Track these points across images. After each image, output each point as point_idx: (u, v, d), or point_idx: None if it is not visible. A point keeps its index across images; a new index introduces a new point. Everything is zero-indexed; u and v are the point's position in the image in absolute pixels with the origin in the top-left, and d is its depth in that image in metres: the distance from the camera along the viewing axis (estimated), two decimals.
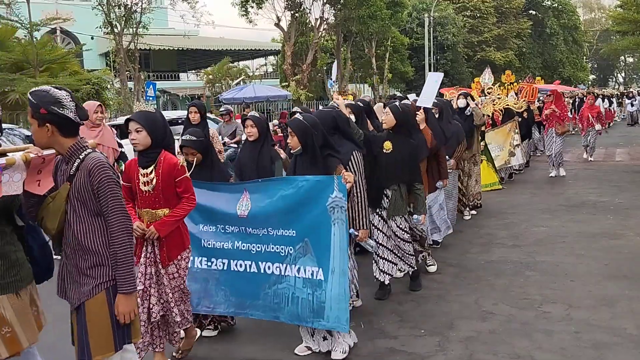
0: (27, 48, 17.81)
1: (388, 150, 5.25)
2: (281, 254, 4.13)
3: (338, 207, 3.86)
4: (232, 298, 4.36)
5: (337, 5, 30.32)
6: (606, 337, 4.42)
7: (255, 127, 5.00)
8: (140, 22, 24.03)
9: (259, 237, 4.23)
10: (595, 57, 70.47)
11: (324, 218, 3.90)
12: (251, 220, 4.23)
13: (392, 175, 5.23)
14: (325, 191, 3.91)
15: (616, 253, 6.65)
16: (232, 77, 34.02)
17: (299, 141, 4.15)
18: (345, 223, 3.87)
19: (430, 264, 6.31)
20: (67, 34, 31.76)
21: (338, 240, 3.88)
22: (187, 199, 3.90)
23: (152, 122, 3.81)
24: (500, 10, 46.96)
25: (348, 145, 4.55)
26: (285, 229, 4.09)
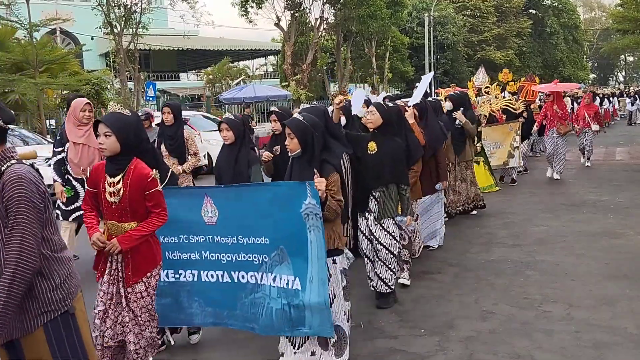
0: (27, 48, 17.83)
1: (373, 151, 5.02)
2: (255, 262, 3.93)
3: (312, 214, 3.65)
4: (208, 308, 4.16)
5: (337, 4, 30.33)
6: (606, 337, 4.41)
7: (231, 131, 4.86)
8: (140, 22, 24.05)
9: (228, 246, 4.00)
10: (595, 56, 70.51)
11: (298, 225, 3.69)
12: (220, 228, 4.00)
13: (379, 177, 5.01)
14: (297, 198, 3.68)
15: (616, 252, 6.64)
16: (232, 77, 34.05)
17: (299, 143, 3.87)
18: (322, 230, 3.65)
19: (405, 277, 5.80)
20: (66, 34, 31.79)
21: (315, 247, 3.68)
22: (157, 215, 3.51)
23: (122, 126, 3.42)
24: (501, 9, 47.01)
25: (336, 146, 4.26)
26: (258, 236, 3.88)
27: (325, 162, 3.89)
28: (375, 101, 5.60)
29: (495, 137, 11.03)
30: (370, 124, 5.08)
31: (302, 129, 3.87)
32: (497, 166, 11.05)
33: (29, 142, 12.56)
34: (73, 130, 6.26)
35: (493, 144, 11.01)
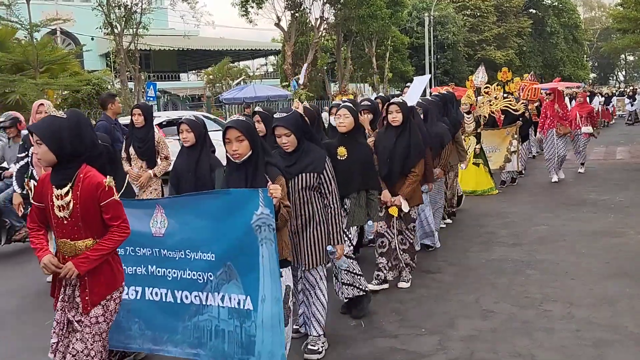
0: (28, 49, 17.85)
1: (343, 157, 4.79)
2: (199, 281, 3.50)
3: (265, 225, 3.25)
4: (148, 332, 3.74)
5: (337, 4, 30.37)
6: (607, 335, 4.41)
7: (192, 132, 4.59)
8: (140, 22, 24.09)
9: (175, 261, 3.59)
10: (595, 55, 70.49)
11: (249, 238, 3.29)
12: (167, 240, 3.59)
13: (349, 184, 4.77)
14: (248, 207, 3.28)
15: (617, 251, 6.64)
16: (232, 77, 34.08)
17: (250, 146, 3.47)
18: (274, 243, 3.28)
19: (404, 279, 5.75)
20: (67, 34, 31.82)
21: (267, 263, 3.29)
22: (117, 228, 3.07)
23: (53, 133, 2.96)
24: (501, 9, 47.01)
25: (317, 149, 4.08)
26: (204, 252, 3.46)
27: (270, 165, 3.57)
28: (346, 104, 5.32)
29: (491, 140, 10.82)
30: (342, 127, 4.84)
31: (252, 131, 3.53)
32: (493, 170, 10.80)
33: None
34: None
35: (490, 147, 10.81)
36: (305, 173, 3.99)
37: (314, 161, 3.99)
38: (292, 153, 3.99)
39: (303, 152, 3.99)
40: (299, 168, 3.98)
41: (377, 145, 5.47)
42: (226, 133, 3.46)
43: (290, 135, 3.92)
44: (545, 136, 11.64)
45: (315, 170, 4.00)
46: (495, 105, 10.96)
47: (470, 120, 9.83)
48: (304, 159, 3.98)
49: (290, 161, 3.98)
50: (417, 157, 5.38)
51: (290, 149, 3.95)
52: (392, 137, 5.37)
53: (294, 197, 3.96)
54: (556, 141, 11.35)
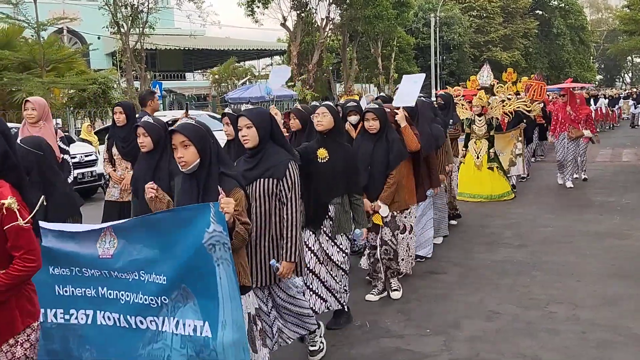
0: (34, 48, 17.92)
1: (324, 159, 4.47)
2: (152, 305, 3.11)
3: (219, 243, 2.90)
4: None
5: (343, 5, 30.39)
6: (611, 337, 4.41)
7: (148, 136, 4.32)
8: (146, 22, 24.15)
9: (128, 283, 3.18)
10: (602, 57, 70.36)
11: (203, 259, 2.94)
12: (117, 261, 3.18)
13: (332, 188, 4.47)
14: (199, 224, 2.92)
15: (622, 253, 6.63)
16: (237, 77, 34.10)
17: (198, 153, 3.07)
18: (231, 264, 2.95)
19: (395, 288, 5.52)
20: (73, 33, 31.89)
21: (227, 284, 2.95)
22: (19, 260, 2.53)
23: None
24: (507, 10, 46.95)
25: (281, 154, 3.68)
26: (158, 273, 3.09)
27: (225, 176, 3.14)
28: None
29: (497, 144, 10.39)
30: (320, 127, 4.51)
31: (200, 136, 3.10)
32: None
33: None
34: (25, 133, 5.64)
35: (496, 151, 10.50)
36: (263, 178, 3.61)
37: (274, 165, 3.61)
38: (253, 156, 3.64)
39: (265, 155, 3.62)
40: (258, 173, 3.62)
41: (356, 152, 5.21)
42: (171, 139, 3.09)
43: (251, 128, 3.56)
44: (557, 139, 11.05)
45: (274, 175, 3.60)
46: (509, 106, 10.59)
47: (482, 123, 9.56)
48: (265, 162, 3.62)
49: (250, 164, 3.65)
50: (395, 160, 5.11)
51: (249, 143, 3.58)
52: (370, 144, 5.15)
53: (253, 204, 3.62)
54: (567, 145, 10.83)
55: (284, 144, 3.76)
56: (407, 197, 5.37)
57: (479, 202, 9.73)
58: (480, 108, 9.56)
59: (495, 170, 9.78)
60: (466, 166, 9.76)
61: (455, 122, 8.21)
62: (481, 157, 9.65)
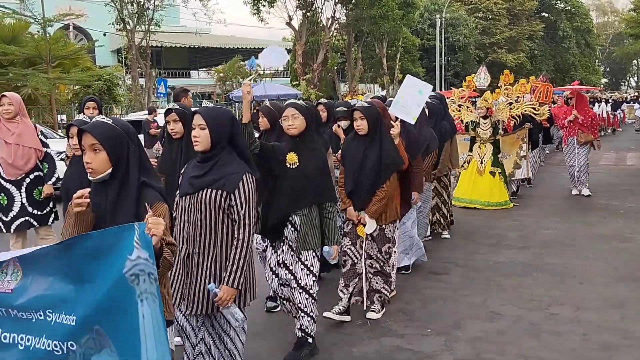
0: (40, 43, 17.92)
1: (293, 165, 4.01)
2: (56, 352, 2.47)
3: (144, 273, 2.37)
4: None
5: (349, 5, 30.40)
6: (615, 339, 4.40)
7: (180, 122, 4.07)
8: (152, 19, 24.19)
9: (30, 324, 2.55)
10: (607, 60, 70.22)
11: (123, 293, 2.38)
12: (18, 297, 2.56)
13: (300, 197, 4.01)
14: (120, 250, 2.38)
15: (626, 256, 6.62)
16: (242, 76, 34.12)
17: (110, 159, 2.58)
18: (158, 298, 2.39)
19: (373, 309, 4.96)
20: (79, 30, 31.98)
21: (150, 324, 2.39)
22: None
23: None
24: (513, 12, 46.86)
25: (237, 164, 3.19)
26: (68, 313, 2.48)
27: (147, 187, 2.65)
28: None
29: (503, 147, 9.87)
30: (293, 130, 4.03)
31: (114, 139, 2.60)
32: None
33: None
34: (3, 129, 5.58)
35: (500, 154, 9.86)
36: (210, 189, 3.13)
37: (226, 176, 3.14)
38: (204, 161, 3.19)
39: (218, 162, 3.16)
40: (206, 181, 3.16)
41: (344, 156, 4.80)
42: (81, 139, 2.62)
43: (205, 130, 3.13)
44: (566, 144, 10.60)
45: (224, 187, 3.12)
46: (516, 109, 10.04)
47: (487, 126, 9.18)
48: (217, 171, 3.16)
49: (200, 171, 3.19)
50: (388, 171, 4.62)
51: (199, 146, 3.15)
52: (360, 147, 4.65)
53: (194, 217, 3.17)
54: (577, 150, 10.29)
55: (244, 152, 3.27)
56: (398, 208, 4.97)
57: (474, 208, 9.29)
58: (485, 110, 9.18)
59: (497, 176, 9.32)
60: (468, 171, 9.46)
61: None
62: (485, 162, 9.27)
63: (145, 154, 2.76)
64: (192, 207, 3.18)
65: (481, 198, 9.39)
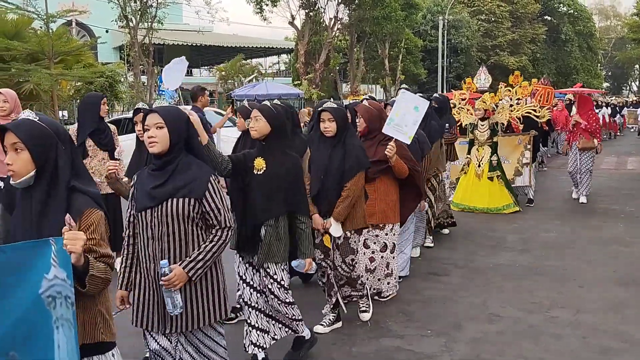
0: (43, 39, 17.90)
1: (260, 170, 3.74)
2: None
3: (61, 296, 2.08)
4: None
5: (352, 5, 30.41)
6: (614, 343, 4.41)
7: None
8: (155, 16, 24.19)
9: None
10: (609, 64, 70.21)
11: (39, 315, 2.09)
12: None
13: (267, 206, 3.73)
14: (36, 268, 2.09)
15: (625, 260, 6.63)
16: (244, 74, 34.15)
17: (34, 162, 2.32)
18: (74, 327, 2.10)
19: (364, 309, 4.93)
20: (82, 26, 31.96)
21: (65, 355, 2.09)
22: None
23: None
24: (516, 15, 46.87)
25: (198, 166, 2.96)
26: None
27: (77, 192, 2.35)
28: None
29: (502, 150, 9.53)
30: (254, 133, 3.79)
31: (39, 138, 2.33)
32: None
33: None
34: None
35: (501, 158, 9.61)
36: (176, 198, 2.87)
37: (191, 182, 2.88)
38: (162, 167, 2.91)
39: (178, 167, 2.90)
40: (169, 190, 2.88)
41: (312, 159, 4.58)
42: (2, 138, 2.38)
43: (163, 129, 2.85)
44: (570, 149, 10.23)
45: (191, 194, 2.87)
46: (517, 111, 9.77)
47: (484, 128, 8.98)
48: (179, 177, 2.89)
49: (159, 179, 2.90)
50: (351, 170, 4.35)
51: (156, 147, 2.86)
52: (327, 149, 4.43)
53: (159, 232, 2.89)
54: (579, 156, 9.88)
55: (201, 154, 3.06)
56: (389, 213, 4.91)
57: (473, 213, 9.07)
58: (483, 112, 8.96)
59: (496, 180, 9.06)
60: (467, 176, 9.20)
61: (452, 126, 7.87)
62: (483, 166, 9.04)
63: (78, 156, 2.49)
64: (155, 221, 2.89)
65: (481, 204, 9.16)
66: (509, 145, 9.75)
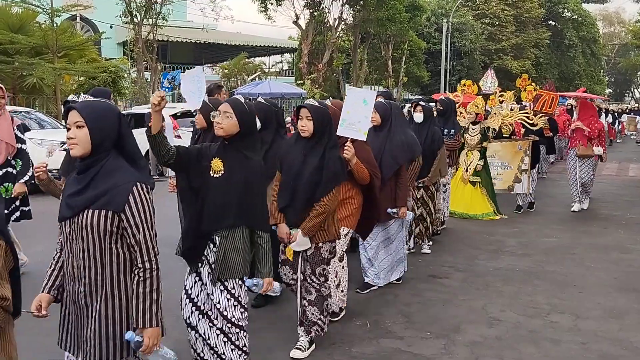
0: (47, 33, 17.95)
1: (218, 173, 3.32)
2: None
3: None
4: None
5: (357, 6, 30.41)
6: (613, 349, 4.41)
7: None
8: (160, 13, 24.22)
9: None
10: (612, 71, 70.15)
11: None
12: None
13: (223, 213, 3.29)
14: None
15: (626, 266, 6.63)
16: (247, 73, 34.15)
17: None
18: None
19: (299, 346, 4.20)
20: (86, 21, 31.98)
21: None
22: None
23: None
24: (520, 19, 46.82)
25: (123, 171, 2.49)
26: None
27: None
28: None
29: (504, 155, 9.40)
30: (220, 131, 3.35)
31: None
32: (501, 190, 9.48)
33: (44, 125, 12.69)
34: None
35: (501, 163, 9.54)
36: (92, 209, 2.43)
37: (111, 190, 2.43)
38: (83, 171, 2.50)
39: (101, 172, 2.47)
40: (85, 199, 2.45)
41: (282, 162, 4.13)
42: None
43: (83, 128, 2.44)
44: (567, 156, 10.06)
45: (108, 206, 2.43)
46: (510, 117, 9.42)
47: (475, 132, 8.69)
48: (98, 184, 2.45)
49: (79, 185, 2.48)
50: (329, 184, 3.95)
51: (75, 151, 2.46)
52: (301, 152, 4.02)
53: (76, 247, 2.49)
54: (578, 164, 9.59)
55: (134, 157, 2.56)
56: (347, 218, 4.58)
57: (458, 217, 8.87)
58: (475, 115, 8.75)
59: (478, 187, 8.85)
60: (453, 179, 8.81)
61: (456, 131, 7.74)
62: (470, 171, 8.81)
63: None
64: (73, 235, 2.48)
65: (459, 209, 8.96)
66: (509, 152, 9.61)
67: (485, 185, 8.98)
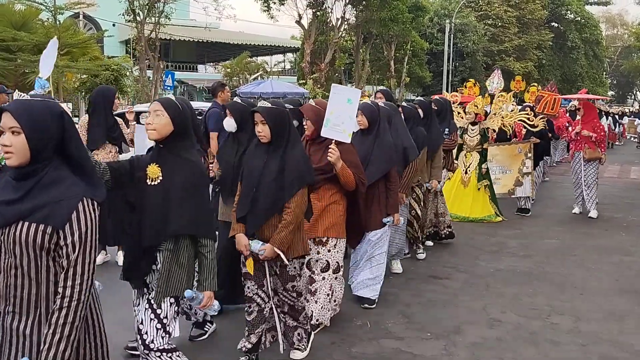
0: (50, 30, 17.97)
1: (155, 180, 3.04)
2: None
3: None
4: None
5: (359, 6, 30.42)
6: (613, 352, 4.41)
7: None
8: (162, 11, 24.24)
9: None
10: (615, 73, 70.05)
11: None
12: None
13: (163, 224, 3.01)
14: None
15: (627, 269, 6.63)
16: (250, 72, 34.16)
17: None
18: None
19: (298, 347, 4.11)
20: (89, 19, 31.98)
21: None
22: None
23: None
24: (522, 20, 46.80)
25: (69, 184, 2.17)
26: None
27: None
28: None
29: (502, 159, 9.27)
30: (151, 133, 3.07)
31: None
32: (501, 194, 9.33)
33: None
34: None
35: (499, 167, 9.41)
36: (28, 221, 2.12)
37: (53, 203, 2.12)
38: (22, 178, 2.16)
39: (42, 182, 2.15)
40: (22, 210, 2.13)
41: (242, 170, 3.84)
42: None
43: (20, 135, 2.11)
44: (572, 159, 9.79)
45: (48, 220, 2.11)
46: (509, 118, 9.19)
47: (474, 133, 8.55)
48: (38, 195, 2.14)
49: (15, 193, 2.15)
50: (294, 184, 3.62)
51: (12, 161, 2.13)
52: (262, 158, 3.70)
53: (5, 262, 2.18)
54: (584, 167, 9.39)
55: (82, 165, 2.23)
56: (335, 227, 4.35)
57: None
58: (474, 116, 8.55)
59: (483, 190, 8.69)
60: (452, 181, 8.65)
61: (452, 131, 7.53)
62: (469, 173, 8.61)
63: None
64: (3, 248, 2.17)
65: (462, 212, 8.76)
66: (508, 155, 9.49)
67: (489, 187, 8.87)
